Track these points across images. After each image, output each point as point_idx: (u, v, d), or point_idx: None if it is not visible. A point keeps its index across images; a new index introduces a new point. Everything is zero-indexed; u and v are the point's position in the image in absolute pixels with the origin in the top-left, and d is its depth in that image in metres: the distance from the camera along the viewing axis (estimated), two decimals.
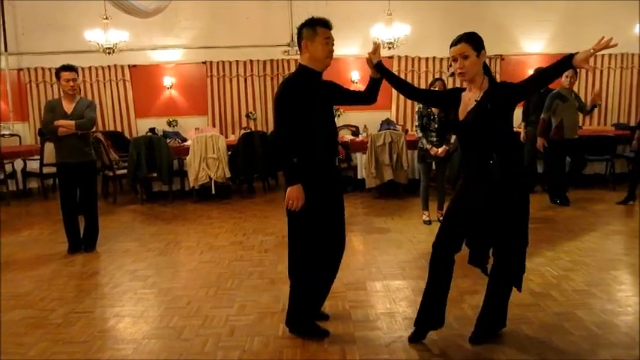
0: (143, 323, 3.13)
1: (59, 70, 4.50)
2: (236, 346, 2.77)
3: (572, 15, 9.28)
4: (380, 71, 2.82)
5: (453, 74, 2.55)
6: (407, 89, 2.89)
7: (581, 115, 6.47)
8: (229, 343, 2.80)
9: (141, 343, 2.86)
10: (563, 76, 6.01)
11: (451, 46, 2.54)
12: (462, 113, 2.62)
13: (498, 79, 9.04)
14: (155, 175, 6.84)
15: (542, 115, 6.10)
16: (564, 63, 2.36)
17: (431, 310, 2.72)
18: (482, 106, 2.50)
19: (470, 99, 2.58)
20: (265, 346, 2.77)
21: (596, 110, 9.54)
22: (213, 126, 9.45)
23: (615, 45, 2.26)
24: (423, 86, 9.33)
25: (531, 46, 9.56)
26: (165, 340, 2.89)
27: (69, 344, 2.87)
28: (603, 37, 2.30)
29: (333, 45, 2.75)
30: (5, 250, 4.89)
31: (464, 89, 2.66)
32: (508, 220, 2.57)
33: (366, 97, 2.95)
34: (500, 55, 9.52)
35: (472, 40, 2.51)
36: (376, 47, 2.86)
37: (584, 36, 9.20)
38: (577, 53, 2.32)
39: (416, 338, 2.74)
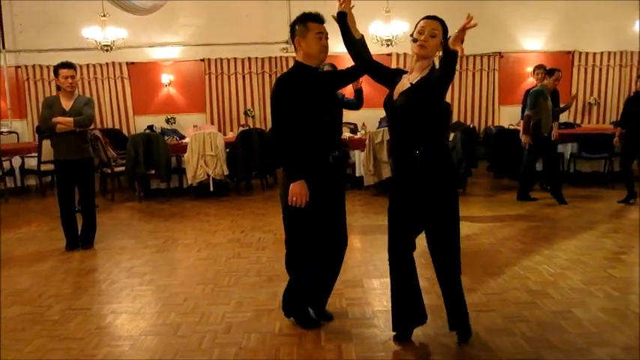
0: (140, 320, 3.13)
1: (58, 68, 4.49)
2: (233, 343, 2.77)
3: (571, 12, 9.26)
4: (338, 22, 2.67)
5: (415, 40, 2.47)
6: (357, 53, 2.70)
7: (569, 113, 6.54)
8: (226, 340, 2.81)
9: (138, 339, 2.86)
10: (553, 77, 6.09)
11: (425, 19, 2.51)
12: (395, 94, 2.58)
13: (497, 77, 9.02)
14: (153, 172, 6.83)
15: (526, 112, 6.07)
16: (446, 51, 2.35)
17: (404, 310, 2.68)
18: (414, 88, 2.46)
19: (407, 81, 2.54)
20: (262, 343, 2.77)
21: (594, 108, 9.58)
22: (212, 123, 9.43)
23: (474, 25, 2.31)
24: None
25: (530, 44, 9.54)
26: (162, 336, 2.89)
27: (66, 340, 2.87)
28: (468, 15, 2.34)
29: (327, 39, 2.71)
30: (3, 247, 4.89)
31: (406, 72, 2.63)
32: (436, 212, 2.53)
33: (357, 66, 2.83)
34: (499, 53, 9.51)
35: (444, 26, 2.50)
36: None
37: (583, 33, 9.37)
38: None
39: (400, 338, 2.71)
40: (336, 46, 2.83)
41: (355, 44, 2.69)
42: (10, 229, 5.56)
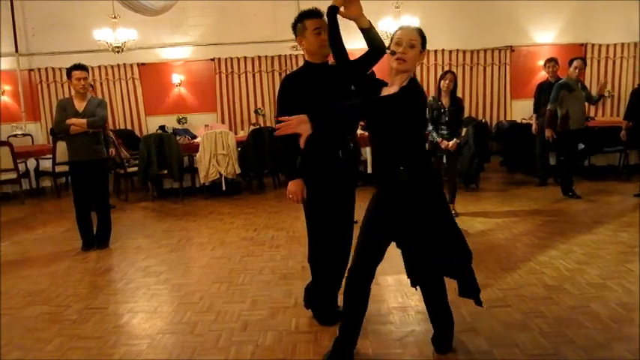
0: (157, 319, 3.16)
1: (70, 70, 4.54)
2: (249, 341, 2.78)
3: (584, 4, 9.13)
4: (328, 16, 2.54)
5: (394, 52, 2.29)
6: (341, 55, 2.58)
7: (588, 106, 6.36)
8: (242, 338, 2.82)
9: (155, 338, 2.89)
10: (572, 66, 5.94)
11: (401, 29, 2.36)
12: None
13: (508, 71, 8.90)
14: (166, 172, 6.88)
15: (548, 106, 6.03)
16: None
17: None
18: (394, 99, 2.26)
19: (386, 93, 2.38)
20: (278, 341, 2.78)
21: (608, 101, 9.44)
22: (222, 122, 9.46)
23: None
24: (432, 80, 9.27)
25: (542, 37, 9.43)
26: (178, 335, 2.91)
27: (84, 340, 2.90)
28: None
29: (325, 33, 2.64)
30: (20, 248, 4.97)
31: (386, 84, 2.47)
32: (420, 225, 2.37)
33: (371, 52, 2.67)
34: (510, 47, 9.41)
35: (422, 36, 2.35)
36: None
37: (595, 25, 9.25)
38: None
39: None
40: (346, 43, 2.76)
41: (366, 36, 2.56)
42: (27, 230, 5.64)
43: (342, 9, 2.49)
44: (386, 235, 2.43)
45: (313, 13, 2.70)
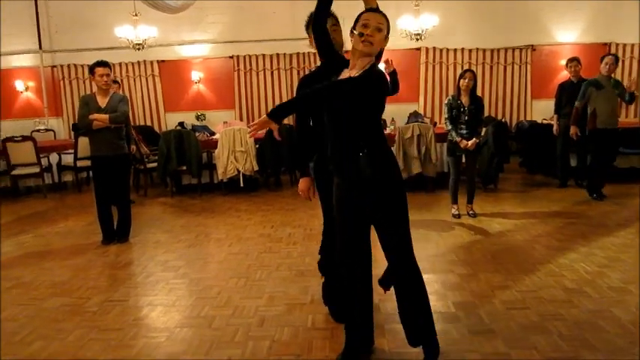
0: (175, 312, 3.20)
1: (94, 66, 4.61)
2: (266, 336, 2.80)
3: (608, 2, 8.95)
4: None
5: (362, 34, 2.24)
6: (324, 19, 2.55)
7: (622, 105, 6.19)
8: (259, 333, 2.84)
9: (173, 331, 2.93)
10: (603, 62, 5.83)
11: (368, 11, 2.33)
12: None
13: (529, 70, 8.72)
14: (184, 168, 6.95)
15: (575, 104, 5.94)
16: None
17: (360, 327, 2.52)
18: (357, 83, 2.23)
19: (348, 76, 2.33)
20: (295, 336, 2.80)
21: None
22: (241, 119, 9.53)
23: None
24: (452, 78, 9.20)
25: (564, 36, 9.28)
26: (196, 329, 2.95)
27: (105, 331, 2.96)
28: None
29: (334, 32, 2.65)
30: (43, 241, 5.08)
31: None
32: (385, 214, 2.36)
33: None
34: (532, 46, 9.28)
35: (388, 23, 2.33)
36: None
37: (620, 24, 9.06)
38: None
39: None
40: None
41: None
42: (49, 224, 5.76)
43: None
44: (360, 221, 2.42)
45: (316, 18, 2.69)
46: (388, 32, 2.34)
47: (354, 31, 2.30)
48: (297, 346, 2.70)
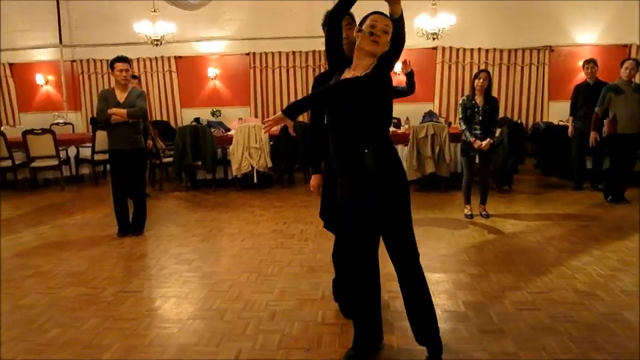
0: (187, 304, 3.26)
1: (114, 61, 4.69)
2: (277, 330, 2.84)
3: (628, 2, 8.79)
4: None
5: (372, 33, 2.27)
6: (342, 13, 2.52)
7: None
8: (270, 327, 2.89)
9: (185, 323, 2.99)
10: (623, 67, 5.75)
11: (375, 14, 2.34)
12: None
13: (547, 72, 8.60)
14: (199, 163, 7.03)
15: (595, 109, 5.87)
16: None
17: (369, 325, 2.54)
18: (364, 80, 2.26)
19: (351, 76, 2.35)
20: (305, 331, 2.83)
21: None
22: (256, 116, 9.59)
23: None
24: (467, 78, 9.14)
25: (583, 37, 9.15)
26: (208, 321, 3.00)
27: (119, 321, 3.02)
28: None
29: (349, 29, 2.65)
30: (61, 232, 5.19)
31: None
32: (390, 212, 2.37)
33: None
34: (550, 47, 9.17)
35: (392, 28, 2.33)
36: None
37: None
38: None
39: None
40: None
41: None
42: (67, 215, 5.88)
43: None
44: (363, 220, 2.43)
45: (328, 17, 2.70)
46: (391, 37, 2.34)
47: (362, 30, 2.31)
48: (306, 340, 2.73)
